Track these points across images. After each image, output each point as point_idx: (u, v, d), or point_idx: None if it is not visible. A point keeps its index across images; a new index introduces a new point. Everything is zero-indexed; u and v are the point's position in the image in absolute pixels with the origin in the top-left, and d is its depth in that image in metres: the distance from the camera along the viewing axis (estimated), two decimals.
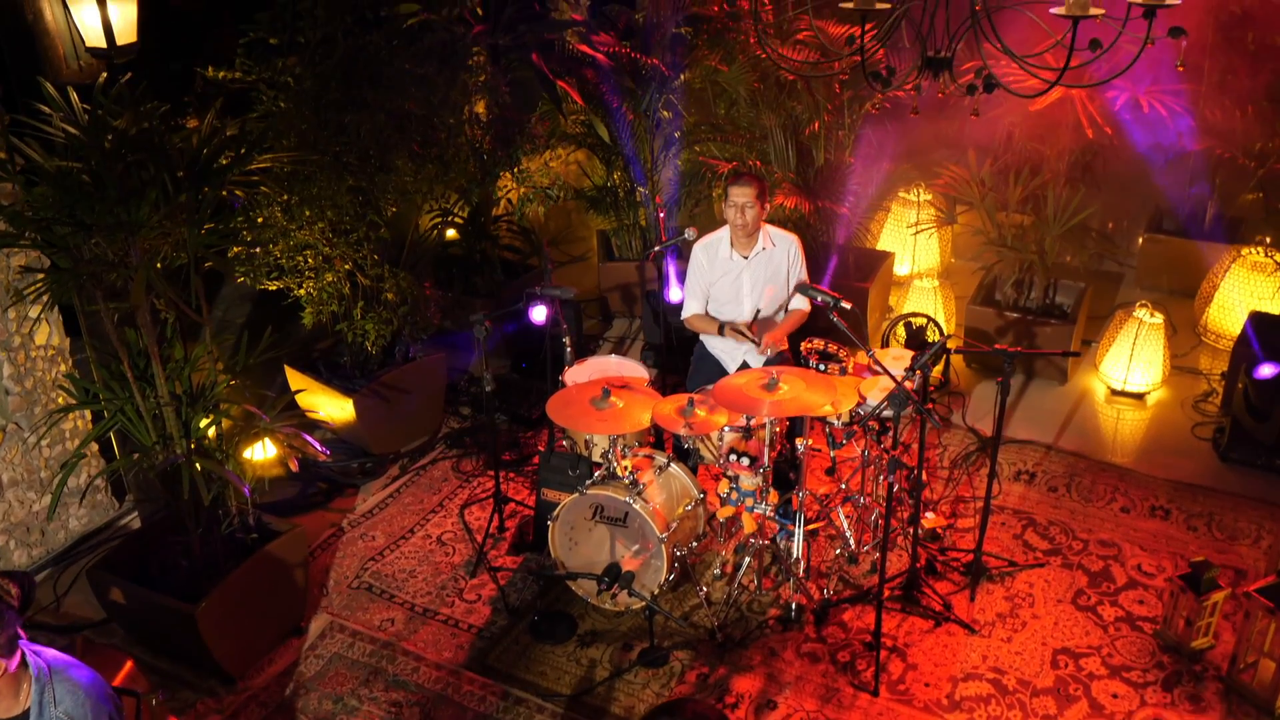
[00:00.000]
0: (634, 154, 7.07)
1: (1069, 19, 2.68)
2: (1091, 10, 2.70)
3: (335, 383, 6.09)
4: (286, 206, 5.26)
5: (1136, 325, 6.47)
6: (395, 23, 5.17)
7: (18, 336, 5.22)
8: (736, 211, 5.26)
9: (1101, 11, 2.78)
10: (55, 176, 4.03)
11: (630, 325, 7.65)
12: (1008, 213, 6.68)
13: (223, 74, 5.35)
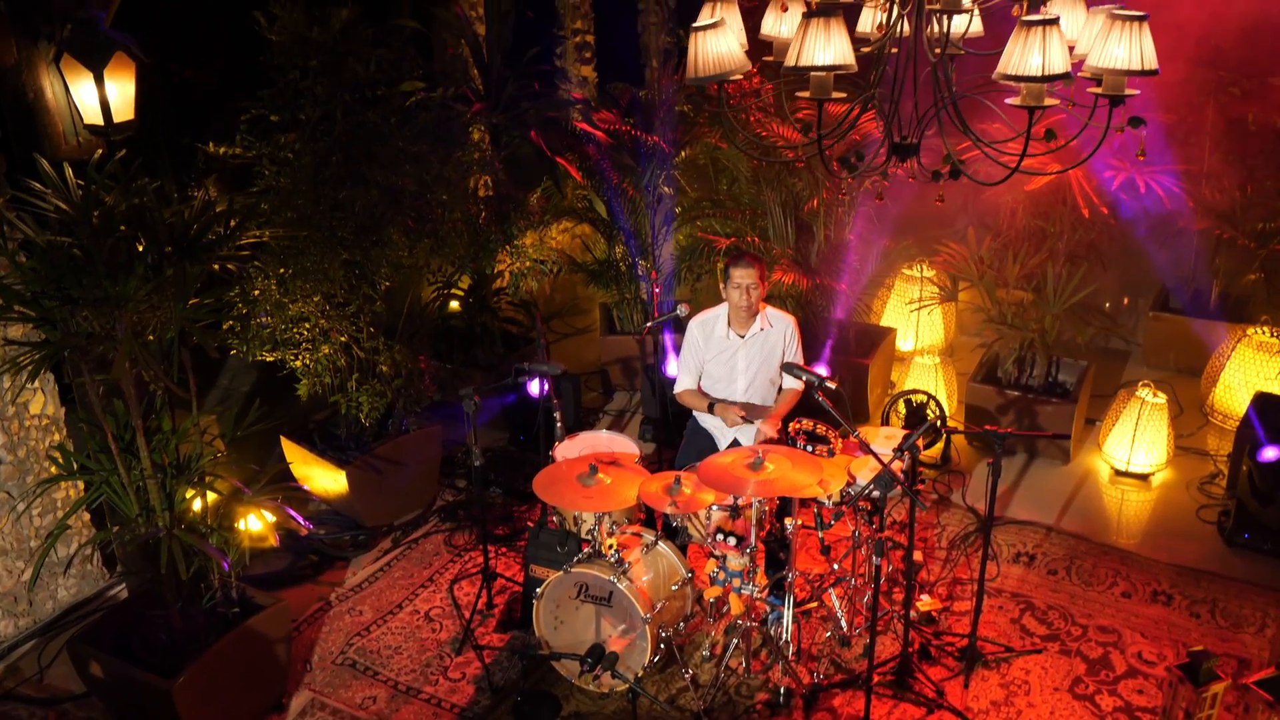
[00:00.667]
0: (634, 229, 7.12)
1: (1025, 109, 2.67)
2: (1047, 100, 2.70)
3: (329, 454, 6.09)
4: (281, 280, 5.31)
5: (1139, 405, 6.39)
6: (392, 101, 5.26)
7: (12, 406, 5.26)
8: (741, 293, 5.26)
9: (1057, 101, 2.79)
10: (45, 251, 4.09)
11: (631, 399, 7.63)
12: (1008, 290, 6.66)
13: (223, 149, 5.44)
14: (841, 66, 2.65)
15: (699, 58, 2.81)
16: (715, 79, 2.85)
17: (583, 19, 8.49)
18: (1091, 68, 2.73)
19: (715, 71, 2.83)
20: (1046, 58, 2.56)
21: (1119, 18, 2.67)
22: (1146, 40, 2.66)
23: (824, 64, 2.64)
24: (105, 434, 4.45)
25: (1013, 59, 2.61)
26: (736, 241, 6.79)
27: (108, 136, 4.57)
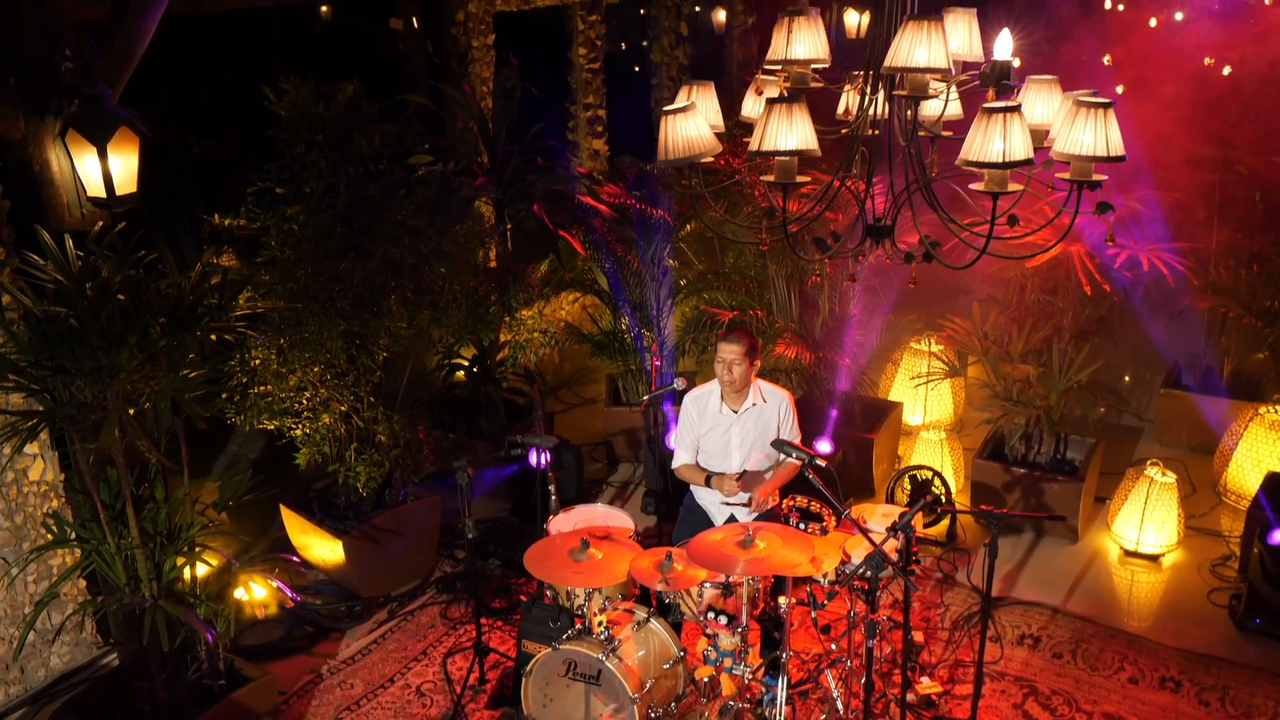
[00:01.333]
0: (639, 301, 7.14)
1: (990, 194, 2.66)
2: (1011, 186, 2.69)
3: (327, 524, 6.08)
4: (280, 349, 5.35)
5: (1148, 485, 6.28)
6: (392, 175, 5.33)
7: (11, 471, 5.29)
8: (724, 368, 5.24)
9: (1020, 187, 2.78)
10: (41, 321, 4.15)
11: (635, 471, 7.59)
12: (1013, 365, 6.60)
13: (228, 221, 5.52)
14: (804, 151, 2.66)
15: (669, 140, 2.84)
16: (685, 161, 2.87)
17: (594, 94, 8.62)
18: (1059, 153, 2.73)
19: (685, 154, 2.85)
20: (1008, 144, 2.56)
21: (1085, 104, 2.67)
22: (1113, 127, 2.66)
23: (787, 149, 2.65)
24: (95, 502, 4.47)
25: (974, 145, 2.61)
26: (739, 315, 6.78)
27: (110, 209, 4.65)
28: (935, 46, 2.61)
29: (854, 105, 3.19)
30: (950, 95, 3.06)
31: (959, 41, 3.00)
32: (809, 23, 2.82)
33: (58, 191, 4.67)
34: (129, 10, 4.81)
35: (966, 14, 2.98)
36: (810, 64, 2.90)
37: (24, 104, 4.52)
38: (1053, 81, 3.10)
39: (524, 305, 6.88)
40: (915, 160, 2.89)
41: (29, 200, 4.73)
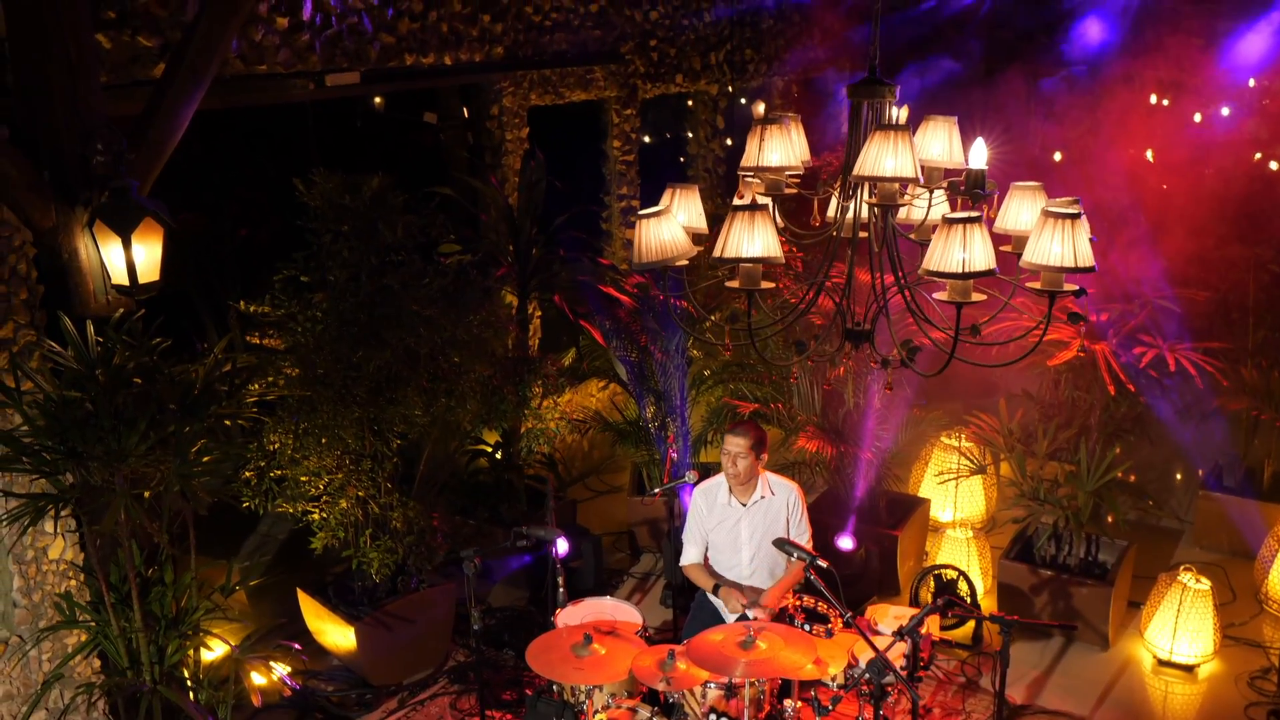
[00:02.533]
0: (662, 391, 7.14)
1: (954, 303, 2.64)
2: (974, 296, 2.67)
3: (341, 609, 6.08)
4: (297, 434, 5.43)
5: (1180, 591, 6.07)
6: (411, 265, 5.45)
7: (31, 550, 5.39)
8: (729, 460, 5.21)
9: (983, 296, 2.75)
10: (57, 404, 4.27)
11: (656, 562, 7.52)
12: (1040, 463, 6.47)
13: (254, 308, 5.66)
14: (767, 259, 2.68)
15: (642, 244, 2.87)
16: (658, 265, 2.89)
17: (628, 185, 8.75)
18: (1028, 263, 2.71)
19: (658, 258, 2.88)
20: (969, 254, 2.55)
21: (1054, 215, 2.65)
22: (1081, 238, 2.64)
23: (750, 256, 2.67)
24: (101, 584, 4.53)
25: (936, 255, 2.61)
26: (760, 407, 6.75)
27: (133, 296, 4.79)
28: (903, 155, 2.62)
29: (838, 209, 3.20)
30: (934, 200, 3.07)
31: (940, 149, 3.01)
32: (781, 131, 2.86)
33: (85, 279, 4.83)
34: (162, 107, 5.00)
35: (947, 122, 3.00)
36: (784, 171, 2.93)
37: (56, 195, 4.70)
38: (1037, 189, 3.09)
39: (549, 394, 6.92)
40: (893, 265, 2.88)
41: (57, 287, 4.89)
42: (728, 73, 9.65)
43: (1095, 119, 9.96)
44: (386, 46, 6.70)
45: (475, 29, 7.26)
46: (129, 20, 5.40)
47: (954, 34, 9.65)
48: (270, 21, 6.04)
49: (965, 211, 2.66)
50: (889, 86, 2.85)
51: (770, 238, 2.70)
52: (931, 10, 9.51)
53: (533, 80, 7.77)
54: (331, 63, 6.41)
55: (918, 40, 9.76)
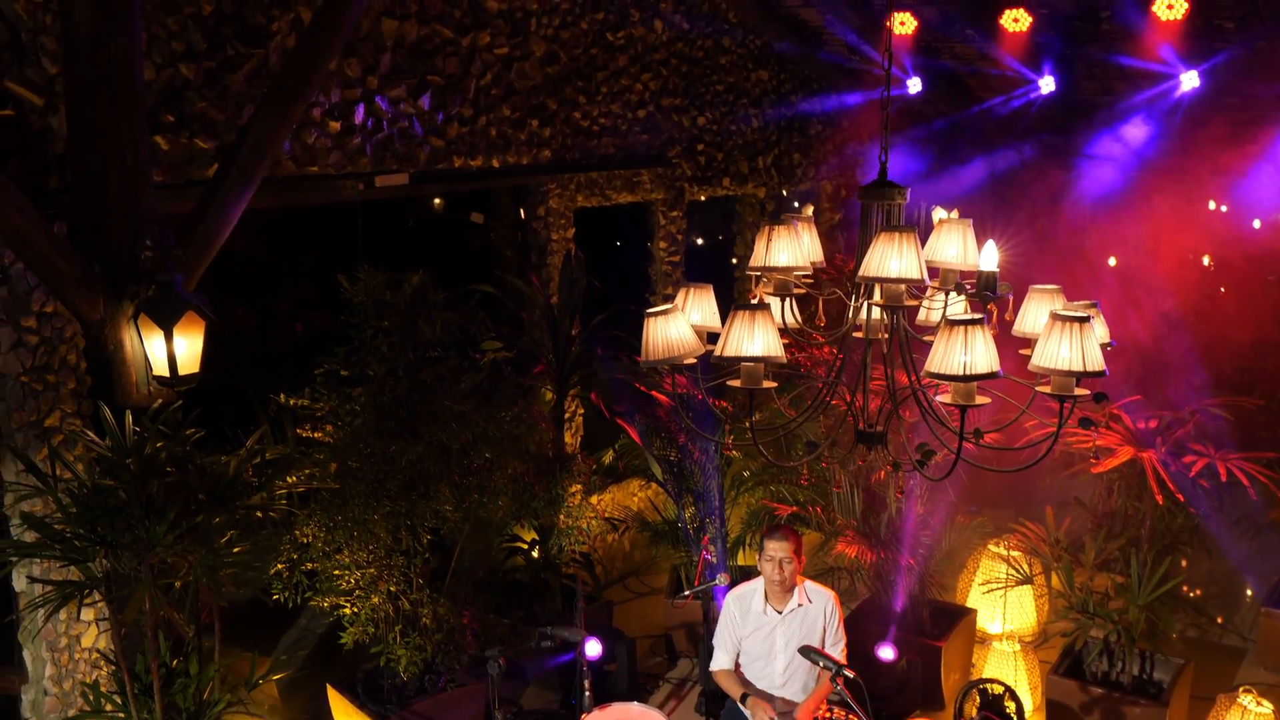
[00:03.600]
0: (701, 491, 7.07)
1: (957, 406, 2.59)
2: (978, 399, 2.62)
3: (369, 707, 6.01)
4: (329, 528, 5.46)
5: (1240, 714, 5.76)
6: (446, 361, 5.52)
7: (65, 637, 5.44)
8: (774, 566, 5.11)
9: (987, 400, 2.70)
10: (91, 492, 4.35)
11: (693, 667, 7.34)
12: (1089, 573, 6.25)
13: (293, 401, 5.75)
14: (768, 358, 2.66)
15: (650, 342, 2.88)
16: (665, 363, 2.89)
17: (674, 285, 8.82)
18: (1037, 366, 2.66)
19: (665, 356, 2.87)
20: (970, 356, 2.51)
21: (1062, 319, 2.61)
22: (1090, 341, 2.58)
23: (751, 355, 2.66)
24: (124, 674, 4.54)
25: (938, 357, 2.57)
26: (799, 510, 6.64)
27: (173, 387, 4.90)
28: (908, 257, 2.61)
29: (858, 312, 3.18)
30: (953, 302, 3.04)
31: (954, 251, 3.00)
32: (789, 232, 2.87)
33: (128, 370, 4.95)
34: (211, 206, 5.18)
35: (961, 224, 2.98)
36: (792, 271, 2.93)
37: (105, 289, 4.86)
38: (1055, 291, 3.05)
39: (591, 492, 6.88)
40: (906, 367, 2.85)
41: (103, 378, 5.02)
42: (775, 176, 9.77)
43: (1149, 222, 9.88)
44: (436, 150, 6.90)
45: (523, 133, 7.45)
46: (187, 124, 5.64)
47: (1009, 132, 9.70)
48: (323, 125, 6.26)
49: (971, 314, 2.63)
50: (898, 189, 2.85)
51: (771, 337, 2.69)
52: (985, 110, 9.59)
53: (579, 182, 7.93)
54: (381, 165, 6.61)
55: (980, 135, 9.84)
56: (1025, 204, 9.80)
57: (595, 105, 7.97)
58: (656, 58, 8.44)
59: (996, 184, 9.86)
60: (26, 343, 5.19)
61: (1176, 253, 9.38)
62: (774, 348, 2.69)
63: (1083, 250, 9.72)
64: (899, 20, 8.15)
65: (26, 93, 5.06)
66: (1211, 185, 9.72)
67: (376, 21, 6.47)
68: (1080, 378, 2.61)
